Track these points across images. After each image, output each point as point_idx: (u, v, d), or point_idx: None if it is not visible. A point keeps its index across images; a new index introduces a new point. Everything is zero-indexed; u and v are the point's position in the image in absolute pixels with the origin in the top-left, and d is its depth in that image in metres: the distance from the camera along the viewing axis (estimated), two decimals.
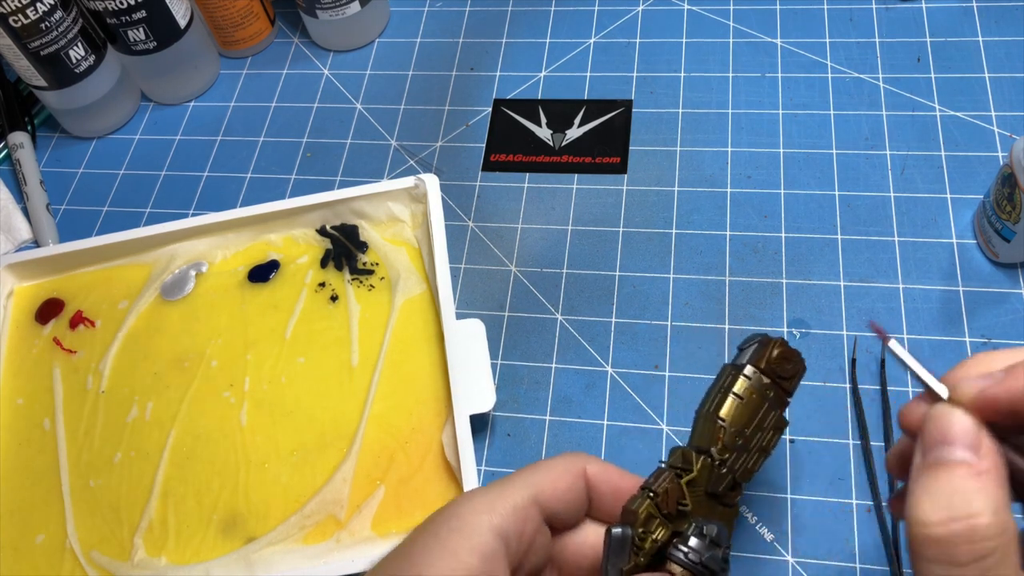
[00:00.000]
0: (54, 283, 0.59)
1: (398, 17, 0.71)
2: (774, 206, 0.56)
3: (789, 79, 0.61)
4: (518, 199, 0.59)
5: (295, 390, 0.52)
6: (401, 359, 0.52)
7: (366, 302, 0.55)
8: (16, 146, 0.66)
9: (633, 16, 0.67)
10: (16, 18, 0.58)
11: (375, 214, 0.57)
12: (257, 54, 0.71)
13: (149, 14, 0.62)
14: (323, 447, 0.50)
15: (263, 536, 0.47)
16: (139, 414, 0.53)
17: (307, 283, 0.56)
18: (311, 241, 0.57)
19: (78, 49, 0.62)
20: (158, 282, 0.57)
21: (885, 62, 0.61)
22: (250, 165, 0.64)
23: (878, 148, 0.57)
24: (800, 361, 0.39)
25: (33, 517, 0.50)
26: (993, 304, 0.51)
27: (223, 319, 0.55)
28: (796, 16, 0.64)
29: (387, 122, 0.65)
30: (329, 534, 0.47)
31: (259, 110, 0.67)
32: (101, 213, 0.64)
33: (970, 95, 0.58)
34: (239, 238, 0.58)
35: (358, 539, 0.47)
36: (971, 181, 0.55)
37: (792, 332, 0.51)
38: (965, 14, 0.62)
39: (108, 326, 0.56)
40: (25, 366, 0.56)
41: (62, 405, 0.54)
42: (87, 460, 0.52)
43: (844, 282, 0.53)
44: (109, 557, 0.48)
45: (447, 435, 0.48)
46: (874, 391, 0.49)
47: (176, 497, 0.50)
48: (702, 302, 0.53)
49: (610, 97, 0.63)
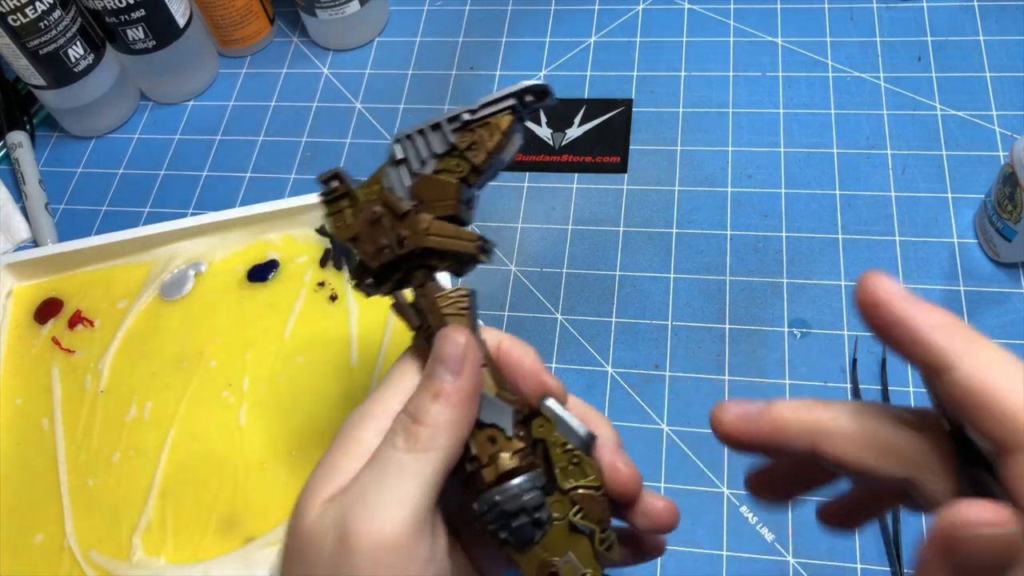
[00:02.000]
0: (53, 283, 0.58)
1: (398, 16, 0.70)
2: (775, 206, 0.56)
3: (790, 78, 0.61)
4: (518, 199, 0.59)
5: (294, 390, 0.52)
6: None
7: (365, 302, 0.54)
8: (15, 145, 0.66)
9: (633, 15, 0.66)
10: (15, 17, 0.58)
11: None
12: (256, 53, 0.71)
13: (148, 13, 0.62)
14: (322, 447, 0.49)
15: (262, 536, 0.47)
16: (138, 414, 0.52)
17: (306, 283, 0.56)
18: (310, 240, 0.57)
19: (77, 48, 0.62)
20: (157, 282, 0.57)
21: (886, 61, 0.61)
22: (249, 165, 0.64)
23: (879, 147, 0.57)
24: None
25: (31, 517, 0.50)
26: (994, 304, 0.50)
27: (222, 319, 0.55)
28: (797, 15, 0.64)
29: (387, 122, 0.65)
30: None
31: (258, 109, 0.67)
32: (100, 213, 0.64)
33: (971, 94, 0.58)
34: (238, 238, 0.58)
35: None
36: (972, 180, 0.55)
37: (793, 332, 0.51)
38: (966, 13, 0.62)
39: (107, 326, 0.56)
40: (24, 366, 0.56)
41: (61, 405, 0.54)
42: (86, 460, 0.51)
43: (845, 282, 0.52)
44: (107, 557, 0.48)
45: None
46: (875, 391, 0.49)
47: (175, 497, 0.49)
48: (702, 302, 0.53)
49: (610, 96, 0.63)
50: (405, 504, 0.29)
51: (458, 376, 0.31)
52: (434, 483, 0.30)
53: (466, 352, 0.32)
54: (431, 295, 0.35)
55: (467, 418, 0.31)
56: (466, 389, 0.31)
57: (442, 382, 0.31)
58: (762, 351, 0.51)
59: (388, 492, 0.29)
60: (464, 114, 0.34)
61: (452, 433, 0.31)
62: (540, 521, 0.31)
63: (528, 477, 0.32)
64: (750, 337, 0.51)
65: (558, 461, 0.32)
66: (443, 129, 0.35)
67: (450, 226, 0.35)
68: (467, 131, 0.35)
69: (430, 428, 0.30)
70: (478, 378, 0.32)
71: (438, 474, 0.30)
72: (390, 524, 0.29)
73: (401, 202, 0.35)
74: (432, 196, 0.35)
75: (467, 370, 0.31)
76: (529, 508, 0.31)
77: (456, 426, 0.31)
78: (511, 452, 0.32)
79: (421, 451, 0.30)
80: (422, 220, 0.35)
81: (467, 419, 0.31)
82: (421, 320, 0.34)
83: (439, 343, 0.32)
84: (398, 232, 0.35)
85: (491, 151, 0.34)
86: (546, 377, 0.34)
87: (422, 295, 0.35)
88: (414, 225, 0.35)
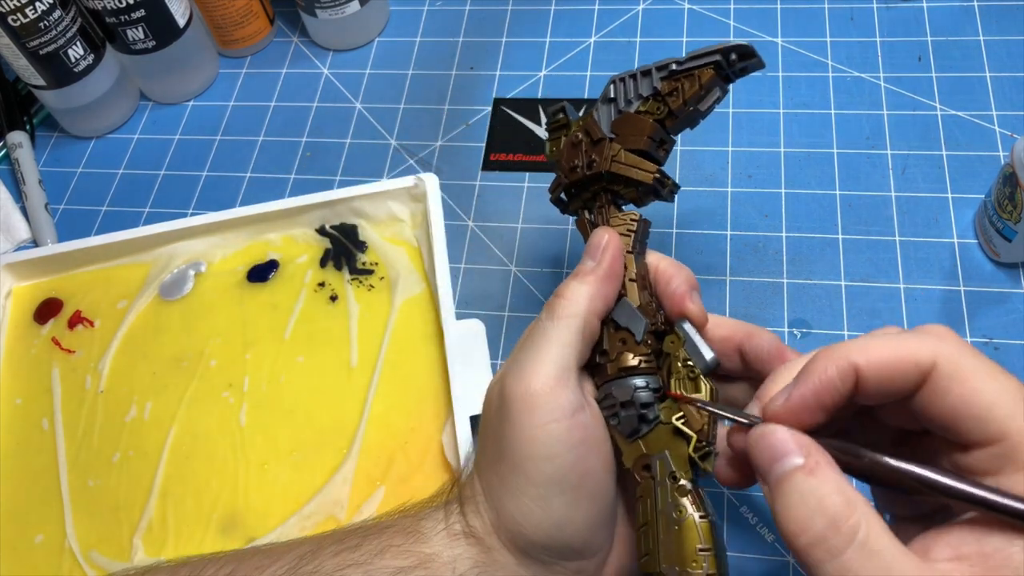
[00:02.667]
0: (52, 283, 0.58)
1: (398, 16, 0.70)
2: (775, 206, 0.56)
3: (790, 78, 0.61)
4: (518, 199, 0.59)
5: (294, 390, 0.52)
6: (401, 359, 0.52)
7: (366, 302, 0.54)
8: (15, 145, 0.66)
9: (633, 15, 0.66)
10: (15, 17, 0.58)
11: (374, 213, 0.56)
12: (256, 53, 0.71)
13: (148, 13, 0.62)
14: (322, 447, 0.50)
15: (263, 536, 0.47)
16: (138, 414, 0.52)
17: (306, 283, 0.56)
18: (310, 241, 0.57)
19: (77, 48, 0.62)
20: (157, 282, 0.57)
21: (886, 61, 0.61)
22: (249, 165, 0.64)
23: (879, 147, 0.57)
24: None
25: (32, 517, 0.50)
26: (994, 304, 0.50)
27: (222, 319, 0.55)
28: (797, 15, 0.64)
29: (387, 122, 0.65)
30: None
31: (258, 109, 0.67)
32: (100, 213, 0.64)
33: (971, 94, 0.58)
34: (238, 237, 0.58)
35: None
36: (972, 181, 0.55)
37: (793, 332, 0.51)
38: (966, 13, 0.62)
39: (107, 326, 0.56)
40: (24, 366, 0.56)
41: (61, 405, 0.54)
42: (86, 460, 0.51)
43: (845, 282, 0.52)
44: (108, 557, 0.48)
45: (447, 435, 0.48)
46: None
47: (175, 497, 0.49)
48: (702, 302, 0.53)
49: None
50: (546, 362, 0.35)
51: (596, 262, 0.37)
52: (571, 345, 0.36)
53: (607, 245, 0.38)
54: (606, 214, 0.40)
55: (601, 296, 0.37)
56: (601, 272, 0.37)
57: (584, 266, 0.38)
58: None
59: (532, 353, 0.35)
60: (672, 64, 0.39)
61: (584, 305, 0.36)
62: (646, 418, 0.35)
63: (644, 378, 0.36)
64: None
65: (676, 372, 0.36)
66: (652, 75, 0.40)
67: (635, 157, 0.40)
68: (672, 79, 0.39)
69: (566, 300, 0.36)
70: (614, 266, 0.38)
71: (574, 338, 0.36)
72: (535, 378, 0.34)
73: (599, 130, 0.40)
74: (628, 131, 0.40)
75: (606, 258, 0.38)
76: (638, 403, 0.35)
77: (589, 299, 0.36)
78: (635, 354, 0.36)
79: (557, 318, 0.36)
80: (612, 148, 0.40)
81: (601, 297, 0.37)
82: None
83: (590, 238, 0.39)
84: (590, 155, 0.40)
85: (687, 99, 0.39)
86: (687, 303, 0.38)
87: (599, 213, 0.41)
88: (604, 151, 0.40)
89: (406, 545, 0.36)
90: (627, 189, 0.40)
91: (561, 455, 0.34)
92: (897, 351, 0.28)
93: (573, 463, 0.34)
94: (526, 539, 0.35)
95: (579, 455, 0.34)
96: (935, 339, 0.28)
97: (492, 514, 0.36)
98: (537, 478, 0.34)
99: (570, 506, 0.34)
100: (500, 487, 0.35)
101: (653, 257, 0.40)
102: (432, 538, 0.36)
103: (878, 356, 0.28)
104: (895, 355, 0.28)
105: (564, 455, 0.34)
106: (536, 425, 0.34)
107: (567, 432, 0.34)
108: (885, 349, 0.29)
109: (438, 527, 0.37)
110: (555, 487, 0.34)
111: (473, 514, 0.36)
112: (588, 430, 0.35)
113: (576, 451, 0.34)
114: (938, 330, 0.29)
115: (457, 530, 0.36)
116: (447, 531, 0.36)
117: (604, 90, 0.41)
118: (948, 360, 0.28)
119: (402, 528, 0.37)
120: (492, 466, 0.36)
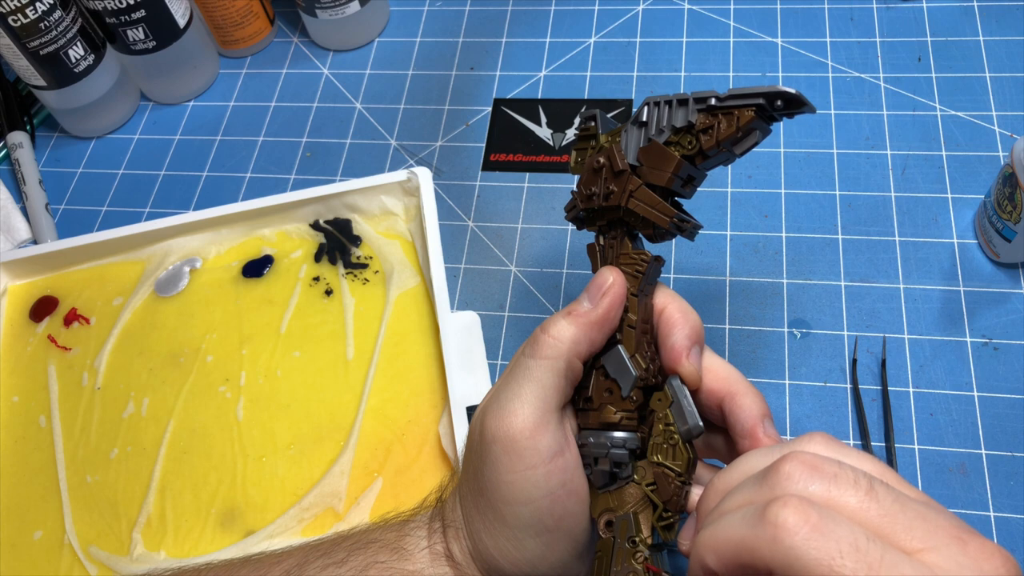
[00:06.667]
0: (48, 281, 0.58)
1: (398, 16, 0.71)
2: (775, 206, 0.56)
3: (790, 78, 0.61)
4: (518, 199, 0.59)
5: (291, 384, 0.52)
6: (396, 352, 0.52)
7: (361, 296, 0.54)
8: (15, 146, 0.66)
9: (633, 15, 0.67)
10: (15, 18, 0.58)
11: (368, 208, 0.56)
12: (256, 53, 0.71)
13: (148, 13, 0.62)
14: (320, 440, 0.50)
15: (262, 529, 0.47)
16: (135, 410, 0.52)
17: (301, 278, 0.56)
18: (305, 236, 0.57)
19: (77, 49, 0.62)
20: (152, 278, 0.57)
21: (886, 61, 0.61)
22: (249, 165, 0.64)
23: (879, 148, 0.57)
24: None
25: (31, 514, 0.50)
26: (994, 304, 0.50)
27: (218, 314, 0.55)
28: (796, 15, 0.64)
29: (387, 122, 0.65)
30: (328, 526, 0.47)
31: (258, 110, 0.67)
32: (100, 213, 0.64)
33: (971, 95, 0.58)
34: (232, 233, 0.58)
35: None
36: (972, 181, 0.55)
37: (793, 332, 0.51)
38: (966, 14, 0.62)
39: (103, 323, 0.56)
40: (20, 364, 0.55)
41: (58, 402, 0.54)
42: (84, 456, 0.51)
43: (845, 282, 0.52)
44: (108, 552, 0.48)
45: (443, 426, 0.48)
46: (875, 391, 0.48)
47: (174, 492, 0.49)
48: (702, 302, 0.53)
49: (610, 97, 0.63)
50: (526, 403, 0.34)
51: (593, 305, 0.35)
52: (553, 387, 0.34)
53: (608, 290, 0.36)
54: (618, 249, 0.38)
55: (587, 340, 0.35)
56: (595, 317, 0.35)
57: (579, 306, 0.36)
58: (762, 351, 0.51)
59: (515, 390, 0.34)
60: (712, 98, 0.35)
61: (567, 348, 0.35)
62: (616, 476, 0.35)
63: (623, 436, 0.35)
64: (750, 337, 0.51)
65: (656, 436, 0.35)
66: (689, 106, 0.36)
67: (654, 195, 0.37)
68: (710, 114, 0.35)
69: (551, 339, 0.35)
70: (609, 315, 0.35)
71: (556, 380, 0.34)
72: (515, 419, 0.34)
73: (621, 160, 0.37)
74: (654, 163, 0.37)
75: (603, 304, 0.35)
76: (612, 461, 0.35)
77: (575, 343, 0.35)
78: (618, 409, 0.35)
79: (540, 358, 0.35)
80: (632, 182, 0.37)
81: (587, 341, 0.35)
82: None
83: (594, 278, 0.37)
84: (608, 186, 0.38)
85: (721, 140, 0.35)
86: (683, 361, 0.36)
87: (610, 246, 0.38)
88: (624, 184, 0.37)
89: (390, 562, 0.37)
90: (644, 226, 0.38)
91: (537, 500, 0.34)
92: (739, 551, 0.26)
93: (550, 507, 0.34)
94: (501, 572, 0.35)
95: (556, 499, 0.34)
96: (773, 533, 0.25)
97: (470, 543, 0.36)
98: (513, 522, 0.34)
99: (545, 547, 0.34)
100: (479, 520, 0.35)
101: (663, 297, 0.38)
102: (415, 555, 0.37)
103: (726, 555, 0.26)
104: (738, 554, 0.26)
105: (540, 500, 0.34)
106: (514, 471, 0.33)
107: (544, 478, 0.34)
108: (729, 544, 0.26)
109: (421, 544, 0.37)
110: (530, 530, 0.34)
111: (453, 540, 0.37)
112: (567, 472, 0.34)
113: (553, 495, 0.34)
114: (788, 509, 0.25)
115: (439, 551, 0.37)
116: (429, 551, 0.37)
117: (637, 111, 0.38)
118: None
119: (387, 544, 0.37)
120: (472, 497, 0.36)
